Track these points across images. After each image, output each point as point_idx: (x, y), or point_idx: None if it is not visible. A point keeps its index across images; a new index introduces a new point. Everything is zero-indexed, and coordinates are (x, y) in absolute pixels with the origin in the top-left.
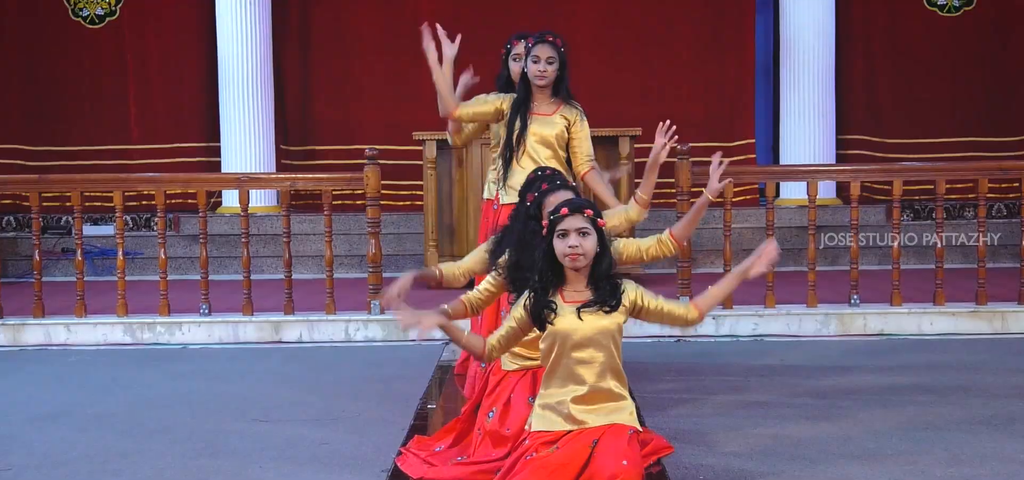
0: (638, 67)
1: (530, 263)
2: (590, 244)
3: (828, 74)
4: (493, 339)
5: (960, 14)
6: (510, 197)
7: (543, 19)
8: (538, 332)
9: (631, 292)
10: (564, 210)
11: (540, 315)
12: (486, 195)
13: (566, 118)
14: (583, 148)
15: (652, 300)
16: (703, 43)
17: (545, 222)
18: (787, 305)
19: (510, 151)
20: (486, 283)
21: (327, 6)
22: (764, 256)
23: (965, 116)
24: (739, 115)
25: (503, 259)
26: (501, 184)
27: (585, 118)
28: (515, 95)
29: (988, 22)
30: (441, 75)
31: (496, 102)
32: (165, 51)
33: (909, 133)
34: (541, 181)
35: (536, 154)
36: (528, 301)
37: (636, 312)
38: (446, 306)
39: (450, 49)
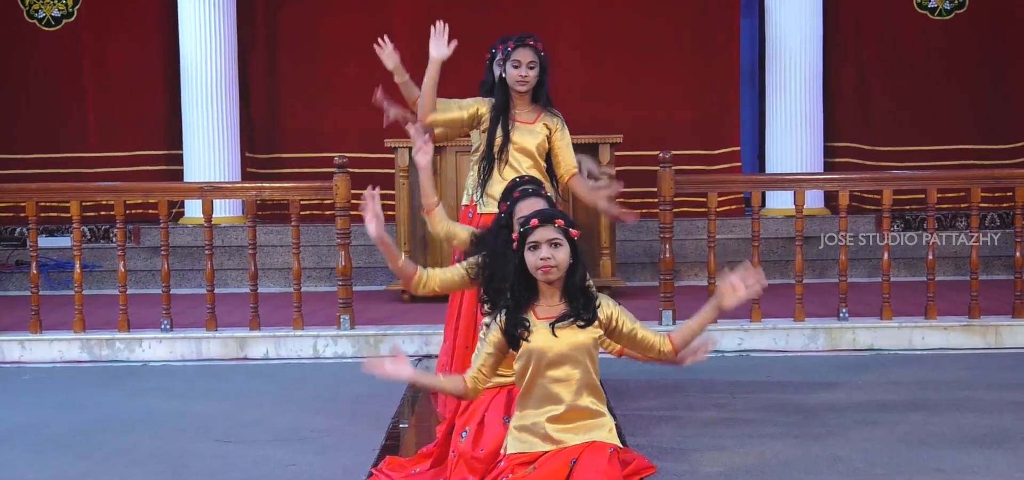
0: (622, 69)
1: (504, 274)
2: (562, 255)
3: (815, 79)
4: (473, 371)
5: (952, 17)
6: (489, 207)
7: (523, 19)
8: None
9: (607, 307)
10: (534, 221)
11: (514, 334)
12: (464, 201)
13: (548, 126)
14: (566, 157)
15: (627, 322)
16: (688, 46)
17: (516, 232)
18: (774, 319)
19: (491, 161)
20: (457, 268)
21: (295, 7)
22: (742, 287)
23: (959, 123)
24: (724, 121)
25: (475, 259)
26: (479, 193)
27: (566, 126)
28: (493, 100)
29: (981, 25)
30: (408, 84)
31: (471, 107)
32: (125, 54)
33: (900, 140)
34: (514, 189)
35: (517, 164)
36: (501, 321)
37: (610, 331)
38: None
39: (440, 49)
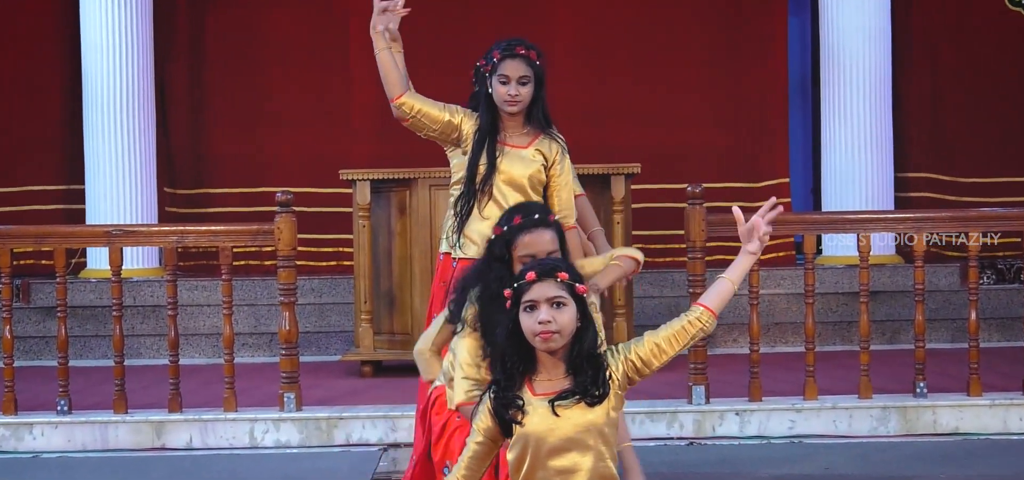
0: (634, 84)
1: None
2: (566, 318)
3: (883, 92)
4: (458, 472)
5: None
6: (467, 251)
7: (511, 24)
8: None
9: (618, 366)
10: (530, 275)
11: (504, 416)
12: (443, 248)
13: (544, 154)
14: (563, 198)
15: (643, 350)
16: (719, 52)
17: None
18: (833, 396)
19: (471, 196)
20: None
21: (227, 8)
22: (761, 224)
23: None
24: (767, 146)
25: (468, 313)
26: (456, 236)
27: (567, 155)
28: (477, 117)
29: None
30: (388, 52)
31: (456, 114)
32: (13, 66)
33: (988, 170)
34: (515, 213)
35: (504, 198)
36: (491, 401)
37: (634, 382)
38: None
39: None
